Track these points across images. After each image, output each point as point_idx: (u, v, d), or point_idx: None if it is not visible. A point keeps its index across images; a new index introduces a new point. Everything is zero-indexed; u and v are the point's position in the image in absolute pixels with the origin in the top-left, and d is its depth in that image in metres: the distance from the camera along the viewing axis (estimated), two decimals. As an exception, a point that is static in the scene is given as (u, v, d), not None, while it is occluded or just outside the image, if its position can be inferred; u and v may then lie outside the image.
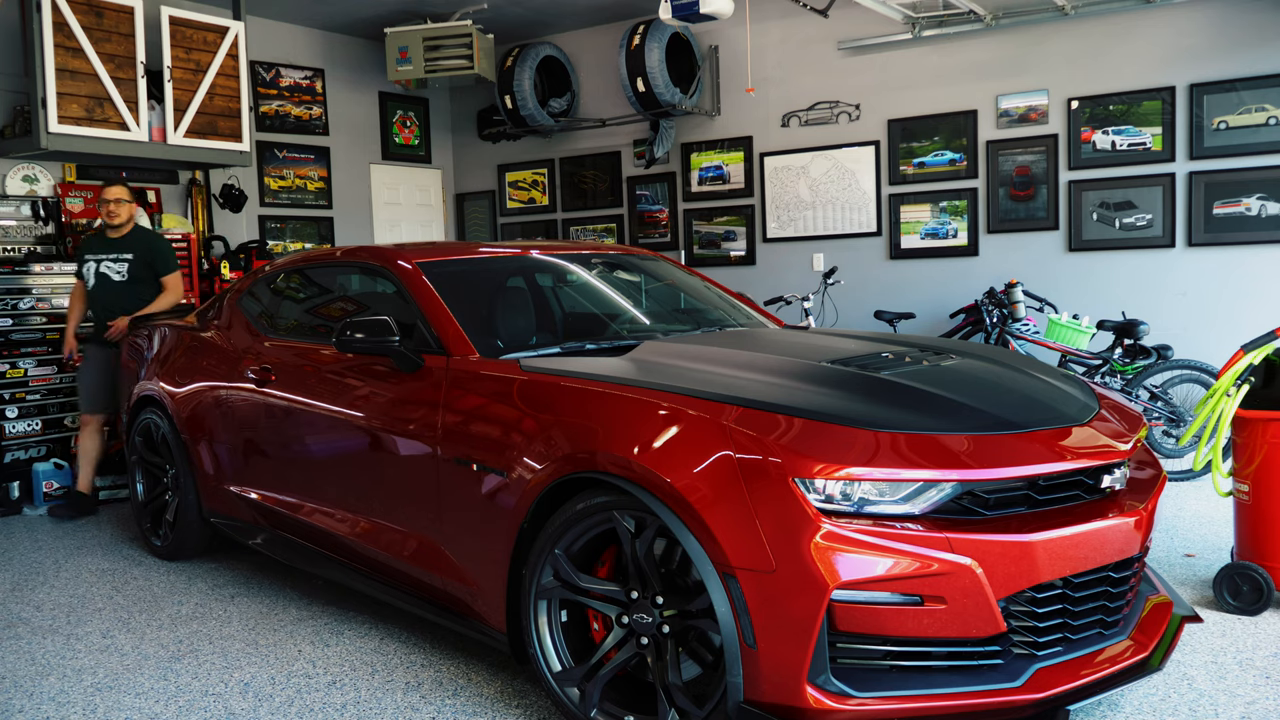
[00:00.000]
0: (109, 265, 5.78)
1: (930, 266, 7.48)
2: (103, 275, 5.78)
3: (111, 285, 5.79)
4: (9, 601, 4.39)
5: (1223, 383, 3.91)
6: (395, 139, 9.36)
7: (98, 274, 5.79)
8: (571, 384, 3.01)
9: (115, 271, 5.77)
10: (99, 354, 5.78)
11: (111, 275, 5.77)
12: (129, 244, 5.81)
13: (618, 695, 2.84)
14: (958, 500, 2.52)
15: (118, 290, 5.79)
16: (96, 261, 5.80)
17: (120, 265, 5.77)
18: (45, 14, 6.00)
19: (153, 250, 5.83)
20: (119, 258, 5.78)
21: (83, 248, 5.90)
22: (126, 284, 5.77)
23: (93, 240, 5.90)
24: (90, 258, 5.81)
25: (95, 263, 5.80)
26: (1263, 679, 3.19)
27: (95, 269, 5.80)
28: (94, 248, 5.83)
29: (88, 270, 5.81)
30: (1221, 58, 6.41)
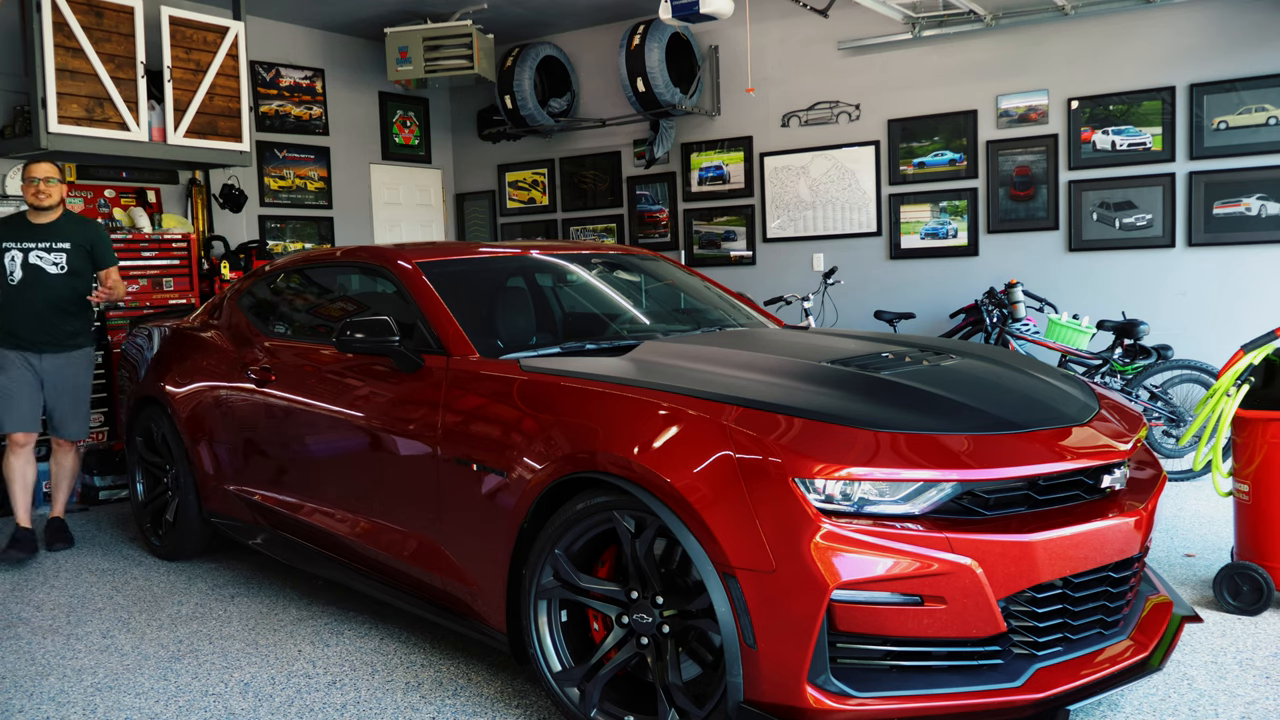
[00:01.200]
0: (40, 255, 4.97)
1: (930, 266, 7.48)
2: (33, 267, 4.95)
3: (46, 280, 4.97)
4: (9, 601, 4.39)
5: (1223, 383, 3.91)
6: (395, 139, 9.36)
7: (26, 265, 4.95)
8: (571, 384, 3.01)
9: (51, 263, 4.98)
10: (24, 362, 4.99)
11: (45, 267, 4.96)
12: (64, 231, 5.05)
13: (618, 695, 2.84)
14: (958, 500, 2.52)
15: (54, 285, 5.01)
16: (22, 251, 4.95)
17: (56, 255, 4.99)
18: (45, 14, 6.00)
19: (94, 238, 5.10)
20: (53, 246, 5.00)
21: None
22: (65, 277, 5.01)
23: (11, 226, 5.03)
24: (11, 246, 4.95)
25: (21, 253, 4.95)
26: (1263, 679, 3.19)
27: (22, 260, 4.95)
28: (14, 234, 4.98)
29: (9, 261, 4.96)
30: (1221, 58, 6.41)
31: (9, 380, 4.99)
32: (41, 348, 5.00)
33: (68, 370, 5.08)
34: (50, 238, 5.02)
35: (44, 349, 5.00)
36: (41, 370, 5.01)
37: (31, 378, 4.99)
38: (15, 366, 4.99)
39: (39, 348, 5.00)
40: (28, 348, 4.99)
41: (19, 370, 4.99)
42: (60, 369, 5.05)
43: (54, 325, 5.03)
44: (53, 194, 5.00)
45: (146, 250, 6.88)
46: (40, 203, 4.97)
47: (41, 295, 4.98)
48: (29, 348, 4.99)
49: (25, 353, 4.99)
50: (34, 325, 4.97)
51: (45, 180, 4.98)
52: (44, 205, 4.97)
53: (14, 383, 5.00)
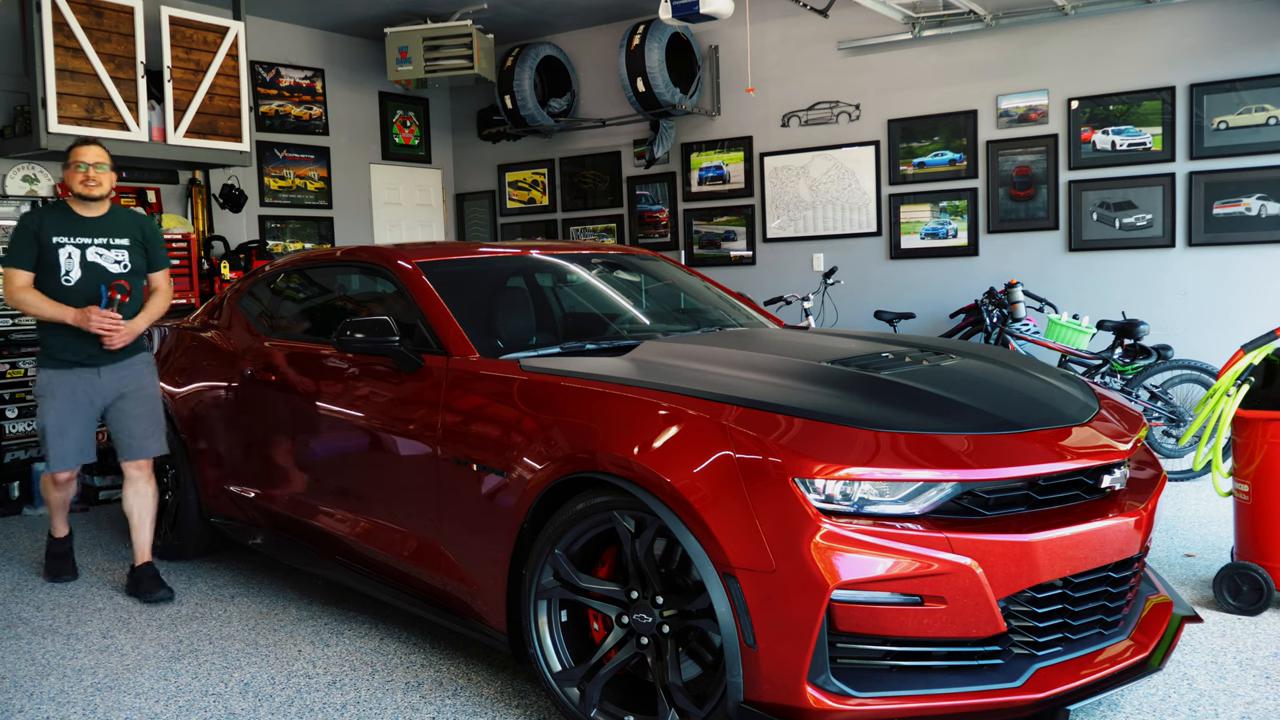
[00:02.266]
0: (99, 252, 4.28)
1: (930, 266, 7.48)
2: (93, 266, 4.25)
3: (103, 280, 4.28)
4: (9, 601, 4.39)
5: (1223, 383, 3.91)
6: (395, 139, 9.36)
7: (85, 264, 4.24)
8: (571, 384, 3.01)
9: (113, 261, 4.30)
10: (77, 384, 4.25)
11: (107, 266, 4.27)
12: (120, 224, 4.35)
13: (618, 695, 2.84)
14: (958, 500, 2.52)
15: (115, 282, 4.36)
16: (79, 248, 4.24)
17: (118, 253, 4.32)
18: (45, 14, 6.00)
19: (149, 234, 4.43)
20: (112, 242, 4.31)
21: (40, 225, 4.21)
22: (129, 278, 4.34)
23: (57, 217, 4.26)
24: (64, 241, 4.21)
25: (77, 249, 4.24)
26: (1263, 679, 3.18)
27: (80, 258, 4.24)
28: (64, 228, 4.24)
29: (64, 259, 4.21)
30: (1221, 58, 6.41)
31: (60, 411, 4.23)
32: (99, 359, 4.25)
33: (133, 379, 4.34)
34: (107, 232, 4.32)
35: (101, 360, 4.26)
36: (101, 388, 4.26)
37: (85, 403, 4.26)
38: (66, 391, 4.23)
39: (96, 360, 4.24)
40: (85, 362, 4.22)
41: (71, 397, 4.24)
42: (124, 379, 4.32)
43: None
44: (103, 182, 4.27)
45: (146, 250, 6.88)
46: (89, 191, 4.23)
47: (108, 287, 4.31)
48: (86, 362, 4.22)
49: (80, 370, 4.23)
50: (94, 335, 4.18)
51: (95, 166, 4.24)
52: (93, 195, 4.25)
53: (65, 415, 4.24)
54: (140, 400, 4.36)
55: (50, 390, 4.26)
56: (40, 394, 4.30)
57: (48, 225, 4.22)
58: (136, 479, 4.40)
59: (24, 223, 4.24)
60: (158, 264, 4.47)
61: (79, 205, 4.28)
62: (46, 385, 4.27)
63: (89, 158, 4.24)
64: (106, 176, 4.28)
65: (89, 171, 4.22)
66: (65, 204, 4.31)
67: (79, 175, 4.23)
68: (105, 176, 4.27)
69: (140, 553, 4.44)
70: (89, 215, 4.29)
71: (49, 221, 4.24)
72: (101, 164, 4.25)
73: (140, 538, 4.43)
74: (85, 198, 4.24)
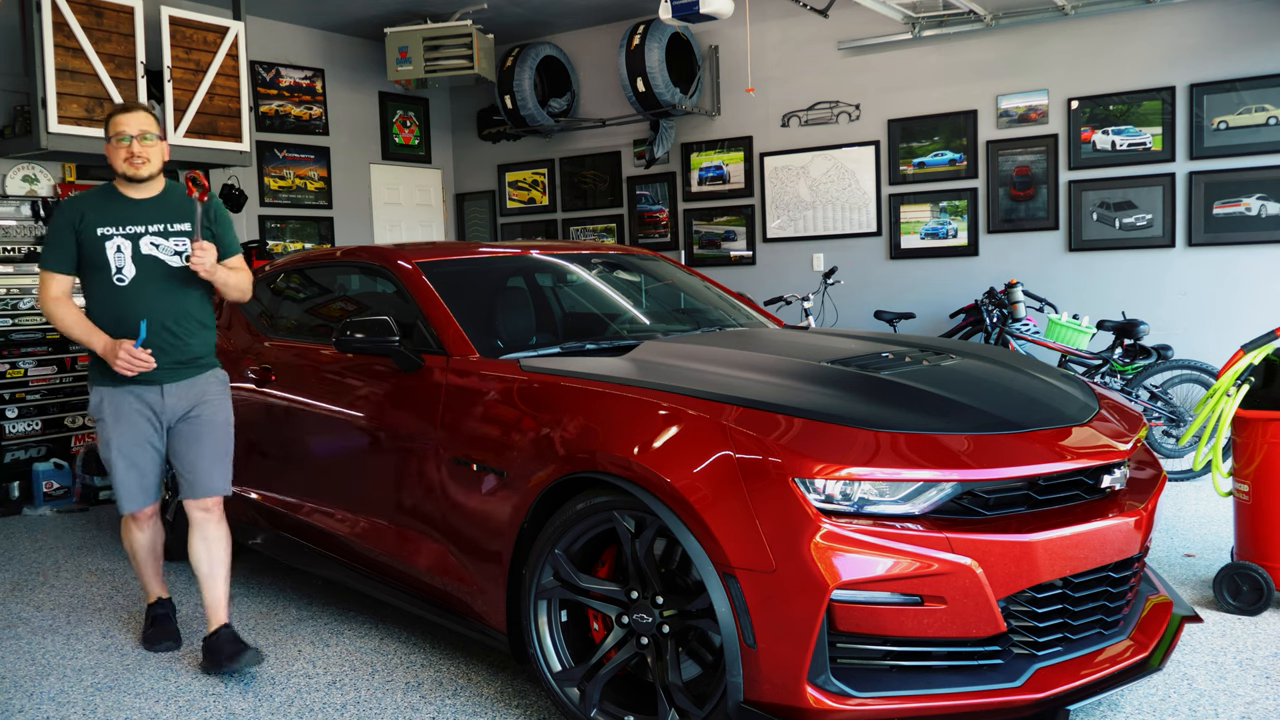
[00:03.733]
0: (155, 243, 3.41)
1: (930, 266, 7.48)
2: (149, 260, 3.41)
3: (168, 277, 3.44)
4: (9, 601, 4.39)
5: (1223, 383, 3.91)
6: (395, 139, 9.36)
7: (138, 258, 3.40)
8: (571, 384, 3.01)
9: (172, 252, 3.44)
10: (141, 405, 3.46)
11: (165, 259, 3.43)
12: (178, 207, 3.49)
13: (618, 695, 2.84)
14: (958, 500, 2.52)
15: (179, 284, 3.46)
16: (129, 239, 3.39)
17: (177, 242, 3.44)
18: (45, 14, 6.00)
19: (216, 218, 3.54)
20: (169, 229, 3.45)
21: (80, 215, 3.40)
22: (188, 271, 3.43)
23: (100, 203, 3.44)
24: (111, 232, 3.39)
25: (128, 240, 3.39)
26: (1263, 679, 3.18)
27: (131, 250, 3.39)
28: (109, 215, 3.41)
29: (113, 253, 3.38)
30: (1221, 58, 6.41)
31: (124, 440, 3.46)
32: (162, 376, 3.44)
33: (202, 402, 3.53)
34: (163, 215, 3.46)
35: (165, 378, 3.45)
36: (165, 411, 3.48)
37: (149, 428, 3.49)
38: (127, 414, 3.46)
39: (158, 377, 3.44)
40: (144, 379, 3.43)
41: (132, 421, 3.46)
42: (191, 403, 3.51)
43: (180, 343, 3.47)
44: (151, 157, 3.42)
45: (146, 250, 6.88)
46: (137, 171, 3.40)
47: (164, 300, 3.43)
48: (146, 379, 3.43)
49: (139, 388, 3.44)
50: (152, 345, 3.39)
51: (141, 137, 3.38)
52: (141, 175, 3.41)
53: (133, 442, 3.47)
54: (209, 425, 3.53)
55: (107, 413, 3.47)
56: (96, 417, 3.52)
57: (90, 214, 3.39)
58: (204, 522, 3.54)
59: (60, 214, 3.43)
60: (228, 251, 3.56)
61: (126, 186, 3.46)
62: (101, 407, 3.48)
63: (132, 127, 3.39)
64: (155, 149, 3.43)
65: (133, 146, 3.38)
66: (110, 186, 3.49)
67: (121, 151, 3.39)
68: (154, 149, 3.43)
69: (215, 613, 3.55)
70: (140, 197, 3.46)
71: (91, 209, 3.40)
72: (148, 133, 3.41)
73: (213, 593, 3.55)
74: (132, 178, 3.42)
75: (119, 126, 3.39)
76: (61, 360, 6.48)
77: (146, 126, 3.41)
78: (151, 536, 3.74)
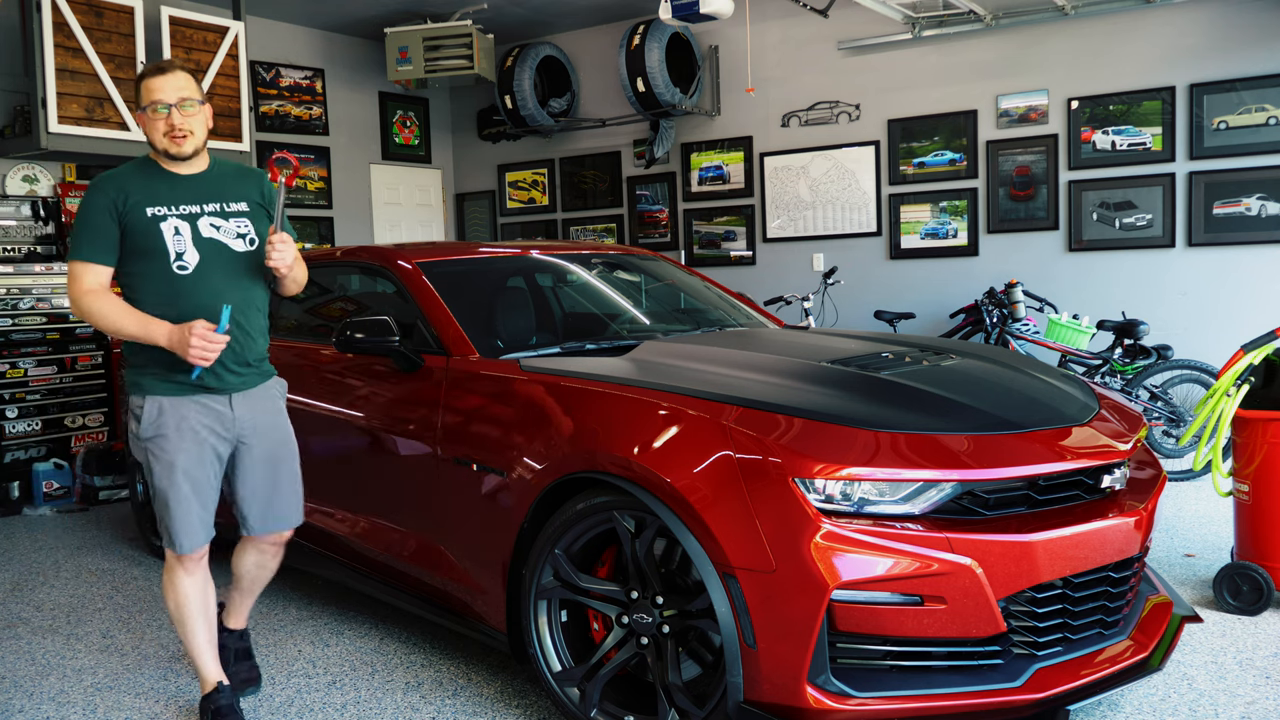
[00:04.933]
0: (215, 224, 2.91)
1: (930, 266, 7.48)
2: (211, 244, 2.88)
3: (233, 263, 2.92)
4: (9, 601, 4.39)
5: (1223, 383, 3.91)
6: (395, 139, 9.36)
7: (199, 241, 2.87)
8: (571, 384, 3.01)
9: (235, 234, 2.95)
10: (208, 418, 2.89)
11: (228, 242, 2.92)
12: (233, 184, 3.01)
13: (618, 695, 2.84)
14: (958, 500, 2.52)
15: (245, 271, 2.95)
16: (187, 220, 2.87)
17: (239, 223, 2.95)
18: (45, 14, 6.00)
19: (271, 198, 3.06)
20: (227, 208, 2.95)
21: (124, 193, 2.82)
22: (256, 256, 2.98)
23: (145, 180, 2.88)
24: (165, 212, 2.84)
25: (185, 222, 2.86)
26: (1263, 679, 3.18)
27: (191, 234, 2.86)
28: (157, 193, 2.86)
29: (170, 237, 2.83)
30: (1221, 58, 6.41)
31: (193, 458, 2.87)
32: (229, 383, 2.91)
33: (270, 416, 3.03)
34: (218, 194, 2.96)
35: (232, 385, 2.92)
36: (234, 426, 2.93)
37: (217, 448, 2.93)
38: (199, 428, 2.87)
39: (225, 384, 2.90)
40: (210, 386, 2.88)
41: (204, 436, 2.88)
42: (259, 416, 2.99)
43: (250, 341, 2.97)
44: (195, 128, 2.88)
45: (146, 250, 6.88)
46: (179, 148, 2.86)
47: (232, 291, 2.89)
48: (212, 386, 2.88)
49: (205, 397, 2.88)
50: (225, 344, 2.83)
51: (180, 105, 2.83)
52: (185, 152, 2.88)
53: (199, 462, 2.88)
54: (281, 446, 3.04)
55: (169, 427, 2.83)
56: (147, 435, 2.85)
57: (135, 192, 2.83)
58: (265, 552, 3.19)
59: (94, 195, 2.82)
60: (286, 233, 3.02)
61: (168, 162, 2.92)
62: (161, 421, 2.83)
63: (169, 93, 2.81)
64: (198, 117, 2.88)
65: (172, 117, 2.81)
66: (148, 161, 2.95)
67: (159, 123, 2.83)
68: (196, 118, 2.88)
69: (237, 615, 3.33)
70: (187, 173, 2.94)
71: (136, 187, 2.84)
72: (189, 100, 2.84)
73: (242, 600, 3.32)
74: (175, 157, 2.89)
75: (153, 93, 2.81)
76: (61, 360, 6.48)
77: (186, 91, 2.83)
78: (203, 585, 3.02)
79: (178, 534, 2.89)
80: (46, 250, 6.72)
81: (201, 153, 2.95)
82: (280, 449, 3.05)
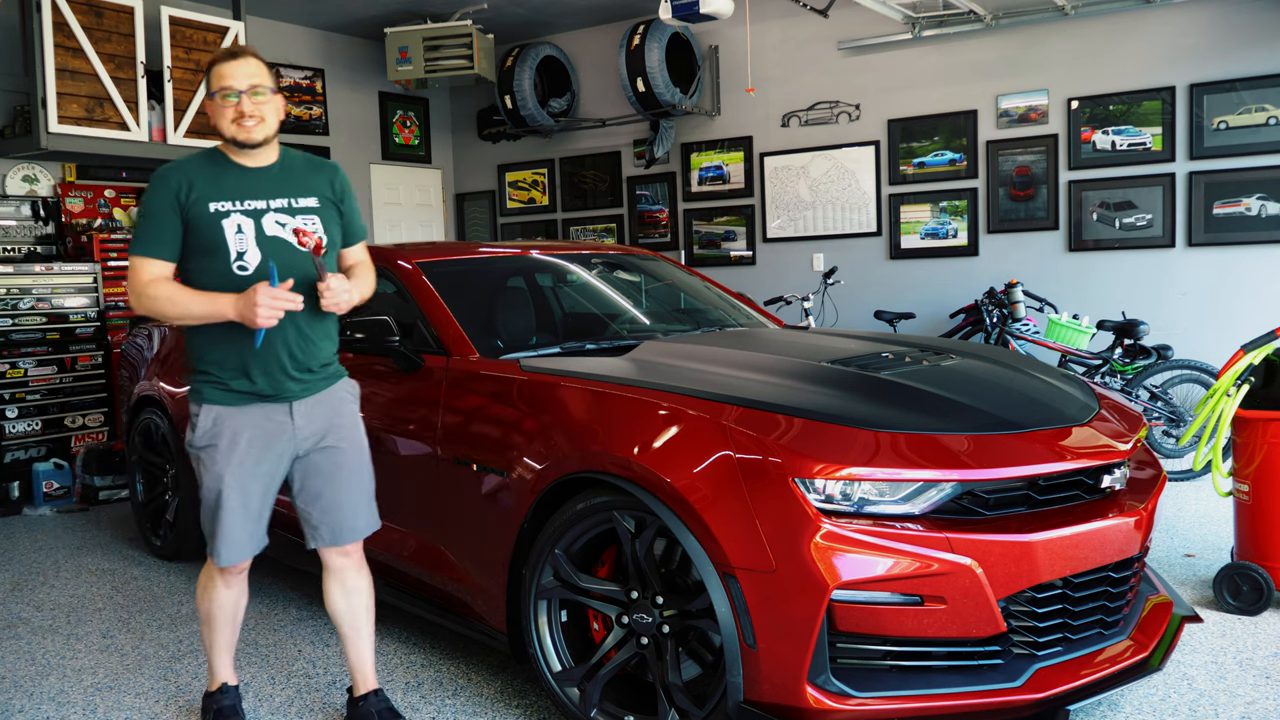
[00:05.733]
0: (281, 221, 2.74)
1: (930, 266, 7.48)
2: (275, 244, 2.71)
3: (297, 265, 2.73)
4: (9, 601, 4.39)
5: (1223, 383, 3.91)
6: (395, 139, 9.36)
7: (262, 240, 2.71)
8: (571, 384, 3.01)
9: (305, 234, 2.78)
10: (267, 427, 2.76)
11: (294, 242, 2.74)
12: (302, 178, 2.83)
13: (618, 695, 2.84)
14: (958, 500, 2.52)
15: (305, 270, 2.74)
16: (251, 216, 2.71)
17: (305, 220, 2.77)
18: (45, 14, 6.00)
19: (343, 193, 2.88)
20: (294, 204, 2.77)
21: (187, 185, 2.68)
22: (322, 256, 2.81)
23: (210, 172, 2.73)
24: (228, 208, 2.69)
25: (249, 219, 2.70)
26: (1263, 679, 3.18)
27: (254, 231, 2.70)
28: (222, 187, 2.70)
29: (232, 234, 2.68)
30: (1221, 58, 6.41)
31: (247, 470, 2.75)
32: (290, 391, 2.76)
33: (337, 424, 2.87)
34: (286, 189, 2.78)
35: (293, 392, 2.77)
36: (296, 436, 2.79)
37: (275, 460, 2.79)
38: (255, 439, 2.75)
39: (284, 391, 2.76)
40: (268, 394, 2.75)
41: (259, 448, 2.76)
42: (325, 424, 2.84)
43: (313, 348, 2.80)
44: (266, 116, 2.72)
45: (146, 250, 6.87)
46: (249, 135, 2.70)
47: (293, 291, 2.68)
48: (271, 394, 2.75)
49: (263, 405, 2.76)
50: (279, 350, 2.73)
51: (251, 92, 2.69)
52: (254, 140, 2.71)
53: (252, 475, 2.77)
54: (350, 454, 2.88)
55: (222, 437, 2.73)
56: (200, 444, 2.75)
57: (199, 185, 2.69)
58: (343, 569, 2.95)
59: (158, 186, 2.69)
60: (356, 233, 2.94)
61: (237, 153, 2.75)
62: (215, 431, 2.73)
63: (240, 79, 2.68)
64: (270, 105, 2.72)
65: (243, 104, 2.68)
66: (216, 153, 2.79)
67: (228, 110, 2.69)
68: (268, 106, 2.71)
69: (362, 676, 3.01)
70: (255, 166, 2.77)
71: (200, 179, 2.70)
72: (260, 88, 2.70)
73: (358, 653, 3.00)
74: (244, 144, 2.72)
75: (223, 79, 2.68)
76: (61, 360, 6.48)
77: (258, 79, 2.70)
78: (238, 596, 2.96)
79: (220, 546, 2.79)
80: (46, 250, 6.72)
81: (272, 143, 2.78)
82: (350, 459, 2.88)
